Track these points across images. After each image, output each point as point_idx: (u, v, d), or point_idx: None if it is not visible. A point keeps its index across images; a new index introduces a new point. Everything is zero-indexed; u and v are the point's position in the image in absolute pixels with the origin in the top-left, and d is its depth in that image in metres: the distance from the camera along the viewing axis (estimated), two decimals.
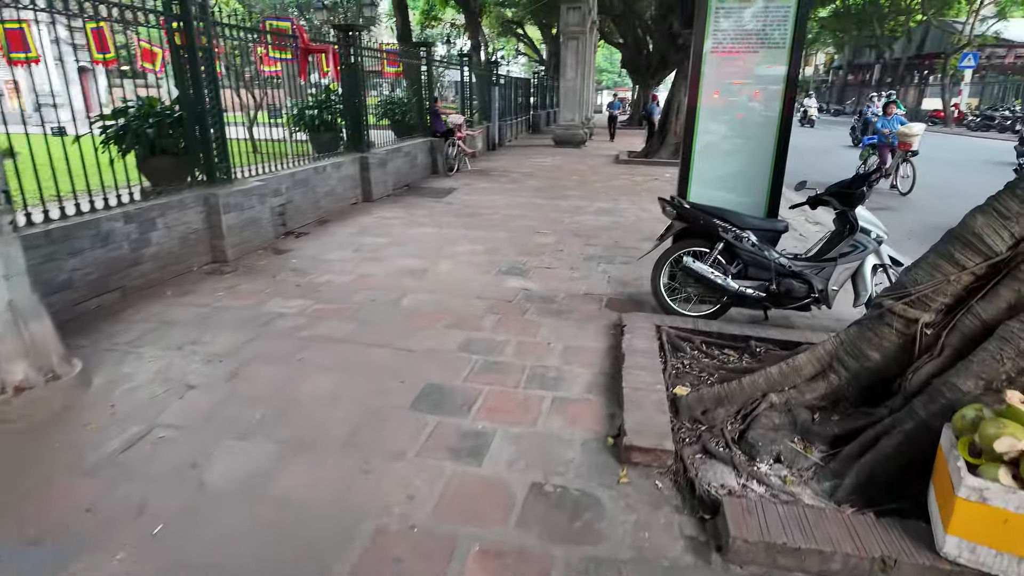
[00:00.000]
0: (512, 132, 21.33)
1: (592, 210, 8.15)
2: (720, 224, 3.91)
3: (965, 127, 25.01)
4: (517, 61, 55.39)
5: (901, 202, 9.65)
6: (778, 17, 3.96)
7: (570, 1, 16.84)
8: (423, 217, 7.55)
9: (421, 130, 11.38)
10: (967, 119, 25.59)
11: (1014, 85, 26.57)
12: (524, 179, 11.02)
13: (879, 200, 9.20)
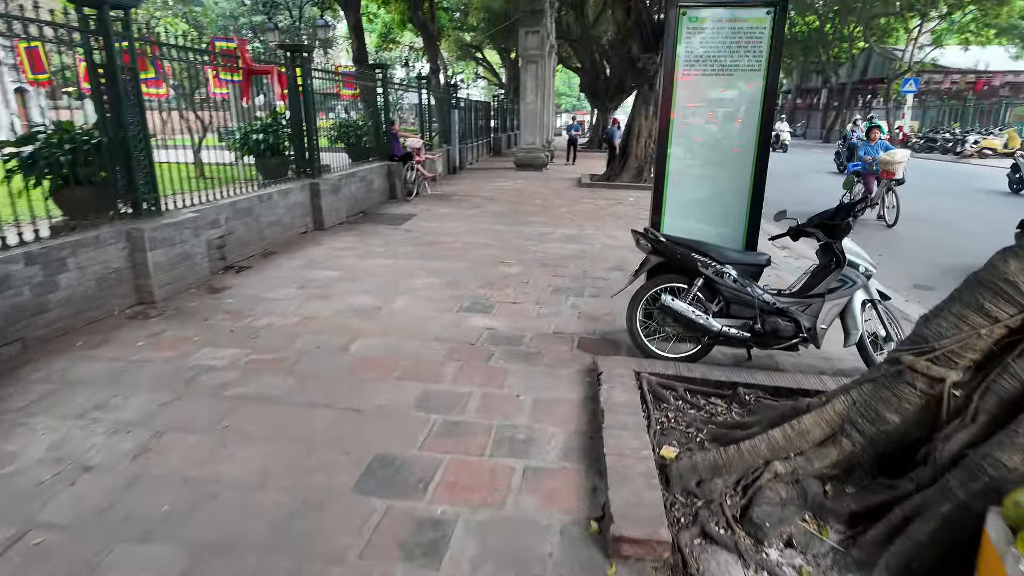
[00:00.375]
0: (473, 155, 21.09)
1: (557, 237, 7.83)
2: (699, 259, 3.60)
3: (910, 148, 26.08)
4: (476, 84, 55.68)
5: (888, 236, 8.79)
6: (752, 39, 3.73)
7: (528, 25, 16.80)
8: (378, 247, 7.08)
9: (378, 154, 10.94)
10: (911, 141, 26.68)
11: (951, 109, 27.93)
12: (486, 204, 10.67)
13: (865, 233, 8.73)
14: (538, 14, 16.67)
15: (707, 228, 4.06)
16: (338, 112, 11.00)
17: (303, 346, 3.97)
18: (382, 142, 10.98)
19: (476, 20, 34.50)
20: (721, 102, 3.90)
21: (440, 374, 3.55)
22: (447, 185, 13.47)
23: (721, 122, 3.93)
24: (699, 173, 4.05)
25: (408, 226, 8.46)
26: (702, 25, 3.76)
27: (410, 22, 23.61)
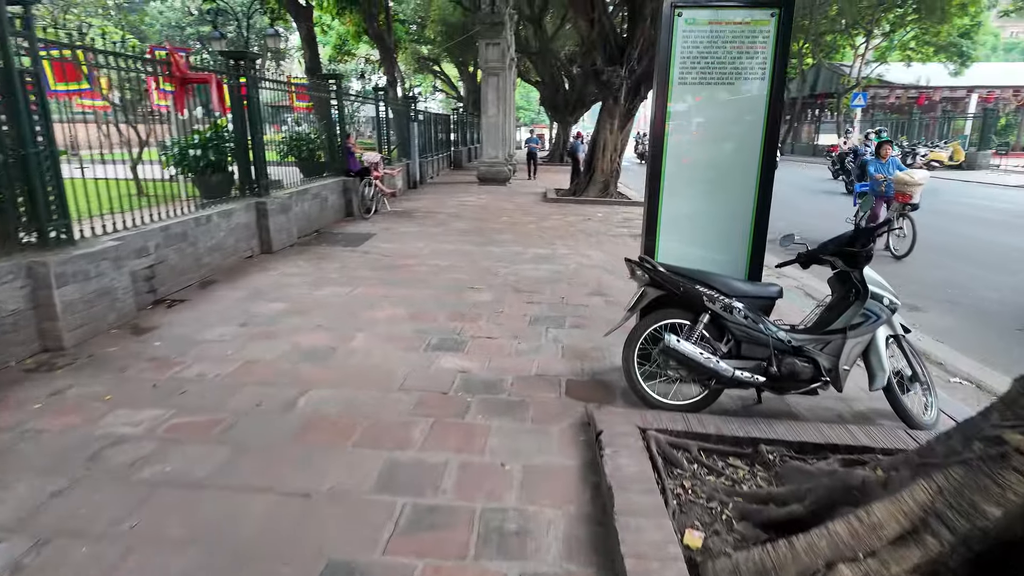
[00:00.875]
0: (434, 169, 20.52)
1: (529, 257, 7.34)
2: (705, 292, 3.14)
3: None
4: (434, 97, 55.24)
5: (900, 269, 7.42)
6: (755, 43, 3.33)
7: (489, 37, 16.43)
8: (334, 272, 6.43)
9: (333, 169, 10.26)
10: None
11: (897, 122, 28.97)
12: (450, 221, 10.11)
13: None
14: (498, 26, 16.32)
15: (705, 254, 3.63)
16: (290, 125, 10.28)
17: (241, 403, 3.31)
18: (337, 156, 10.31)
19: (433, 33, 34.14)
20: (721, 113, 3.48)
21: (407, 437, 2.96)
22: (408, 201, 12.85)
23: (721, 136, 3.51)
24: (696, 193, 3.61)
25: (367, 247, 7.82)
26: (700, 27, 3.34)
27: (366, 34, 23.00)
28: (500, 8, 16.16)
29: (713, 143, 3.53)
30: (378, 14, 21.25)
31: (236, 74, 6.87)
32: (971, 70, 28.64)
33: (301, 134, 10.06)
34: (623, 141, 13.52)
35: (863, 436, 2.84)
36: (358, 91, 14.67)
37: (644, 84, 12.80)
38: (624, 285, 5.97)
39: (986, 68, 32.76)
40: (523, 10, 25.46)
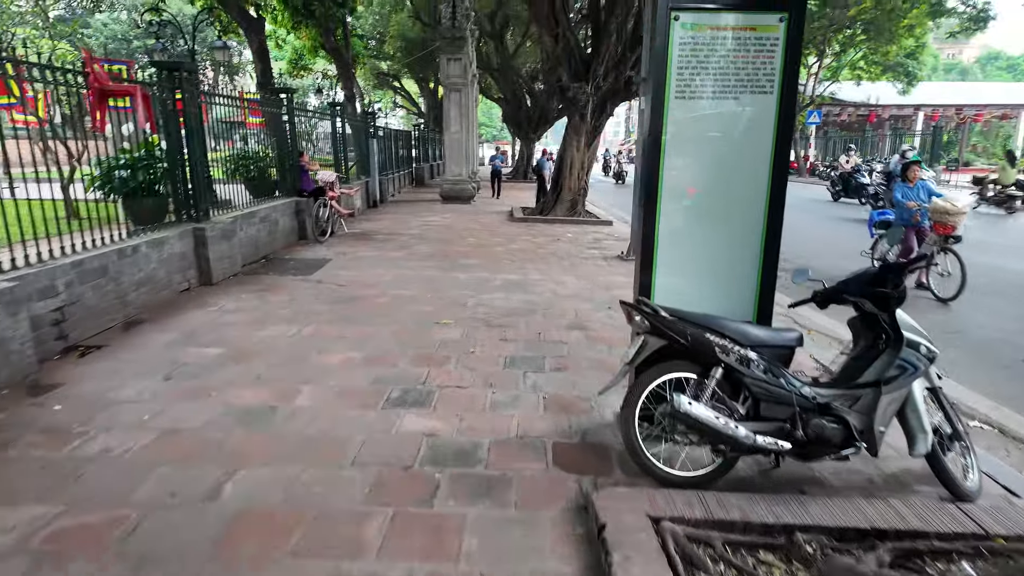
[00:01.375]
0: (395, 186, 19.88)
1: (499, 284, 6.80)
2: (718, 342, 2.66)
3: (817, 177, 27.50)
4: (395, 114, 54.60)
5: (952, 319, 6.23)
6: (762, 52, 2.91)
7: (450, 52, 15.99)
8: (281, 306, 5.74)
9: (285, 189, 9.55)
10: (818, 170, 28.19)
11: (849, 139, 29.80)
12: (413, 243, 9.50)
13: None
14: (459, 41, 15.91)
15: (707, 292, 3.16)
16: (237, 142, 9.54)
17: (151, 492, 2.65)
18: (289, 176, 9.60)
19: (392, 49, 33.66)
20: (724, 131, 3.04)
21: (360, 539, 2.35)
22: (367, 222, 12.17)
23: (724, 157, 3.07)
24: (697, 222, 3.15)
25: (321, 275, 7.14)
26: (700, 33, 2.90)
27: (322, 48, 22.30)
28: (461, 23, 15.76)
29: (715, 165, 3.08)
30: (335, 28, 20.63)
31: (170, 87, 6.17)
32: (917, 89, 29.76)
33: (249, 152, 9.31)
34: (590, 158, 13.21)
35: (912, 516, 2.38)
36: (314, 106, 13.99)
37: (610, 101, 12.54)
38: (605, 317, 5.50)
39: (931, 87, 34.22)
40: (484, 26, 25.24)
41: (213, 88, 14.51)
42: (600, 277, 7.32)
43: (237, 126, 11.09)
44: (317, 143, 11.47)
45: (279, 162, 9.54)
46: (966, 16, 20.66)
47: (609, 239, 10.55)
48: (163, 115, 6.23)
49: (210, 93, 7.20)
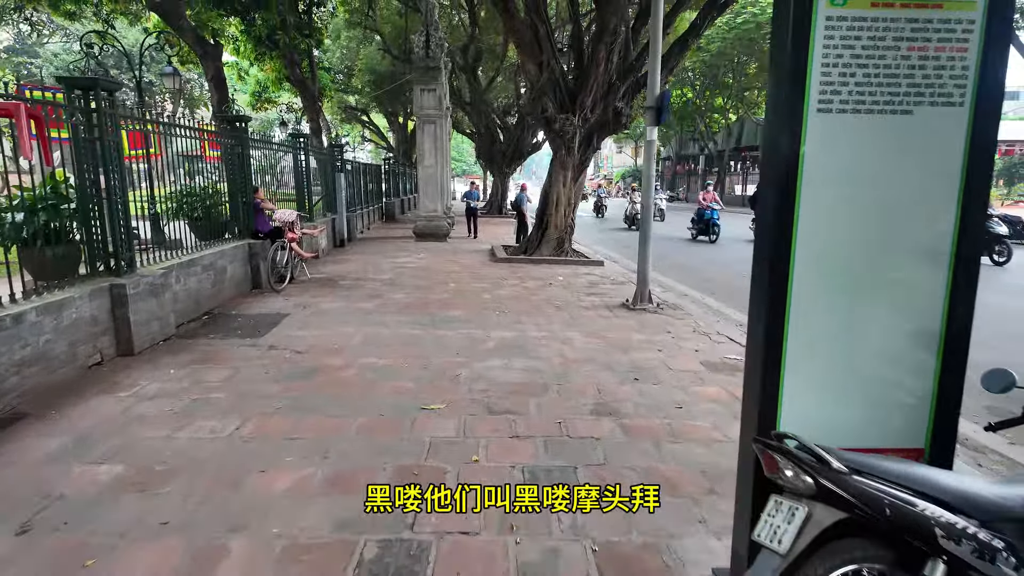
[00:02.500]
0: (364, 222, 18.69)
1: (493, 346, 5.63)
2: (940, 519, 1.54)
3: None
4: (363, 148, 53.71)
5: None
6: (948, 42, 1.89)
7: (424, 83, 15.09)
8: (219, 387, 4.44)
9: (237, 230, 8.28)
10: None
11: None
12: (386, 290, 8.28)
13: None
14: (434, 71, 15.04)
15: (853, 412, 2.05)
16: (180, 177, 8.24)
17: None
18: (242, 215, 8.34)
19: (361, 83, 32.88)
20: (889, 160, 1.99)
21: None
22: (334, 264, 10.90)
23: (888, 199, 2.00)
24: (844, 299, 2.06)
25: (274, 337, 5.86)
26: (857, 12, 1.87)
27: (287, 80, 21.24)
28: (435, 52, 14.92)
29: (874, 217, 2.01)
30: (301, 61, 19.67)
31: (84, 109, 4.93)
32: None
33: (194, 188, 8.02)
34: (577, 194, 12.30)
35: None
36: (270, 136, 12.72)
37: (598, 134, 11.72)
38: (635, 394, 4.37)
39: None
40: (456, 60, 24.62)
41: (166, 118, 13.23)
42: (611, 333, 6.22)
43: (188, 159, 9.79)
44: (281, 178, 10.34)
45: (231, 199, 8.28)
46: None
47: (605, 282, 9.53)
48: (75, 144, 4.97)
49: (138, 118, 5.95)
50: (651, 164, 7.35)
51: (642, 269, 7.45)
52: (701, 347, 5.79)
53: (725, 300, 8.51)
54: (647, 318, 6.98)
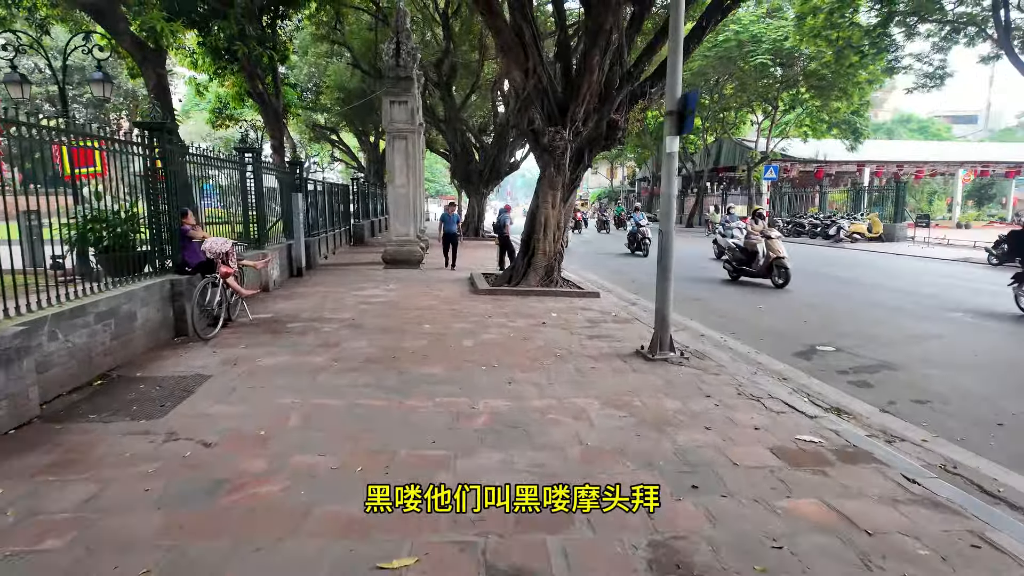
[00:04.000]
0: (329, 246, 17.08)
1: (483, 425, 4.12)
2: None
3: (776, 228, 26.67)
4: (333, 168, 52.04)
5: None
6: None
7: (395, 94, 13.69)
8: (55, 529, 2.82)
9: (160, 263, 6.65)
10: (779, 225, 27.34)
11: (802, 195, 29.44)
12: (345, 336, 6.70)
13: None
14: (405, 82, 13.66)
15: None
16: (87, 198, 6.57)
17: None
18: (169, 244, 6.73)
19: (330, 100, 31.45)
20: None
21: None
22: (286, 299, 9.26)
23: None
24: None
25: (179, 417, 4.23)
26: None
27: (249, 96, 19.67)
28: (407, 62, 13.56)
29: None
30: (265, 76, 18.15)
31: None
32: (863, 146, 29.93)
33: (101, 212, 6.37)
34: (567, 216, 10.95)
35: None
36: (205, 148, 11.02)
37: (590, 149, 10.43)
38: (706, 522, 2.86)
39: (873, 145, 34.85)
40: (430, 75, 23.37)
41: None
42: (636, 399, 4.77)
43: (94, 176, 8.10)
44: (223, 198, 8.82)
45: (151, 224, 6.65)
46: (922, 73, 20.44)
47: (606, 319, 8.10)
48: None
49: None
50: (672, 181, 6.00)
51: (662, 309, 6.04)
52: (759, 421, 4.37)
53: (751, 342, 7.16)
54: (674, 373, 5.56)
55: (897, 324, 8.45)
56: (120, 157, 6.02)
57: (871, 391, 5.47)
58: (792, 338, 7.48)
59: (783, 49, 23.83)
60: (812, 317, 8.87)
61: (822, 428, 4.28)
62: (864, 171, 32.49)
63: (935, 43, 20.07)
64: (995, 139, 59.45)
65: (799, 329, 7.98)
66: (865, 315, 9.16)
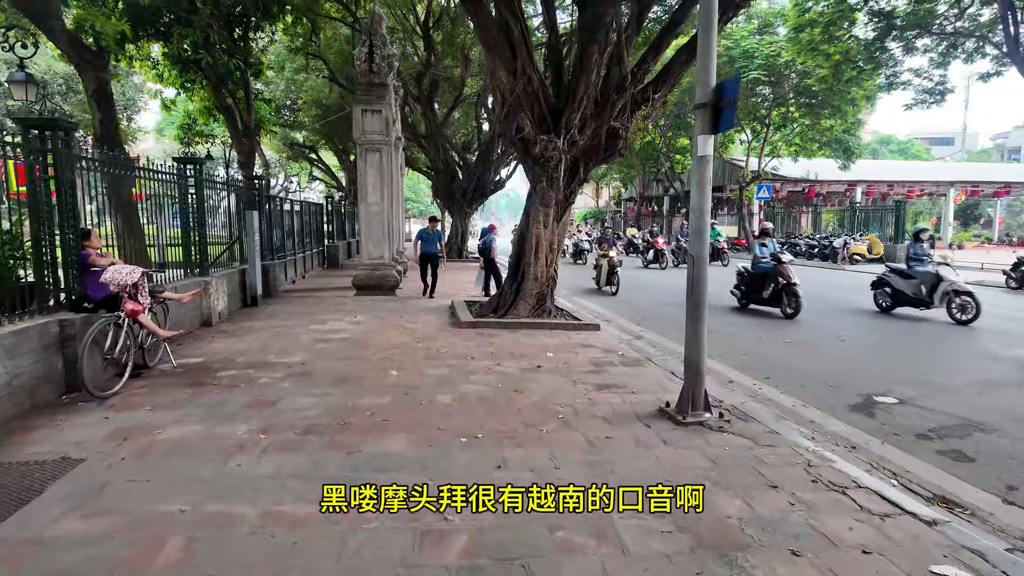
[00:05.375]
0: (298, 269, 15.59)
1: (457, 553, 2.69)
2: None
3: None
4: (312, 187, 50.55)
5: None
6: None
7: (367, 102, 12.38)
8: None
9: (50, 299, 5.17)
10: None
11: (792, 216, 28.63)
12: (286, 393, 5.24)
13: None
14: (379, 89, 12.36)
15: None
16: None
17: None
18: (57, 273, 5.25)
19: (308, 117, 30.16)
20: None
21: None
22: (228, 336, 7.75)
23: None
24: None
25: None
26: None
27: (218, 110, 18.29)
28: (381, 67, 12.27)
29: None
30: (236, 90, 16.86)
31: None
32: (855, 165, 29.27)
33: None
34: (560, 237, 9.63)
35: None
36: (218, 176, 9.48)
37: (585, 161, 9.16)
38: None
39: (864, 164, 34.33)
40: (410, 89, 22.19)
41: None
42: (679, 497, 3.37)
43: None
44: (157, 217, 7.41)
45: (36, 249, 5.17)
46: (921, 89, 19.72)
47: (611, 359, 6.73)
48: None
49: None
50: (705, 192, 4.68)
51: (694, 358, 4.69)
52: (862, 534, 3.01)
53: (791, 389, 5.85)
54: (717, 446, 4.18)
55: (950, 363, 7.21)
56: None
57: (973, 467, 4.16)
58: (838, 383, 6.18)
59: (775, 65, 23.09)
60: (847, 354, 7.59)
61: (954, 545, 2.93)
62: (856, 190, 31.85)
63: (932, 59, 19.42)
64: (972, 160, 59.96)
65: (840, 371, 6.68)
66: (906, 351, 7.92)
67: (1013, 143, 74.12)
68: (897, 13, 18.05)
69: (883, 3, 18.20)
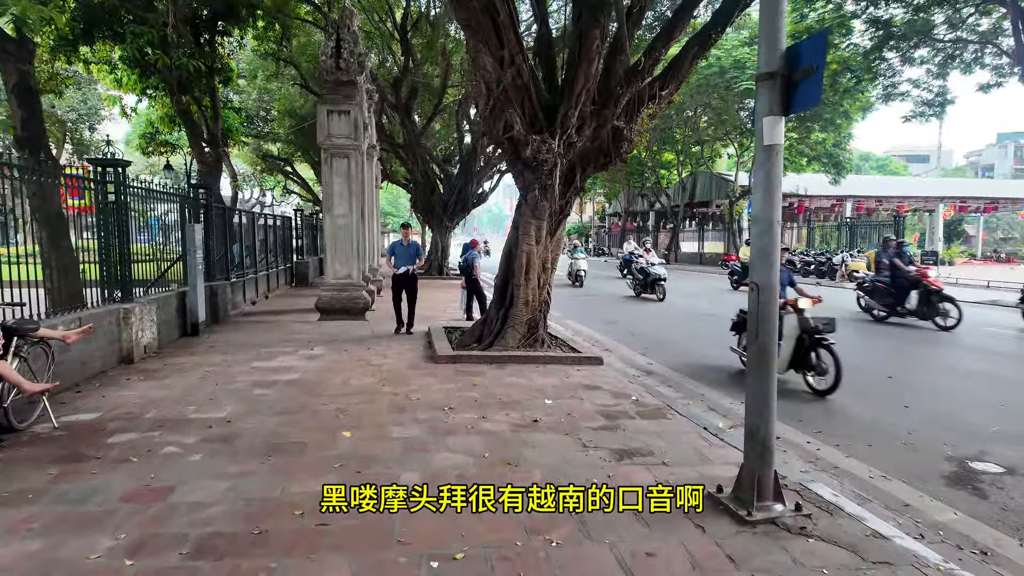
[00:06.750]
0: (260, 289, 14.04)
1: None
2: None
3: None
4: (288, 201, 48.81)
5: None
6: None
7: (334, 102, 11.04)
8: None
9: None
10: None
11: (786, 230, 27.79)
12: (189, 474, 3.77)
13: None
14: (347, 87, 11.02)
15: None
16: None
17: None
18: None
19: (282, 128, 28.67)
20: None
21: None
22: (146, 378, 6.23)
23: None
24: None
25: None
26: None
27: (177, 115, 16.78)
28: (349, 63, 10.93)
29: None
30: (201, 97, 15.38)
31: None
32: (844, 180, 28.61)
33: None
34: (554, 253, 8.30)
35: None
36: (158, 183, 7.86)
37: (583, 167, 7.89)
38: None
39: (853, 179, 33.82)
40: (388, 97, 20.89)
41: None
42: None
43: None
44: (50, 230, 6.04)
45: None
46: (920, 100, 19.00)
47: (624, 408, 5.37)
48: None
49: None
50: (774, 200, 3.39)
51: (759, 428, 3.35)
52: None
53: (858, 450, 4.55)
54: (809, 565, 2.83)
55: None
56: None
57: None
58: (910, 441, 4.90)
59: None
60: (904, 397, 6.33)
61: None
62: (845, 205, 31.23)
63: (930, 69, 18.74)
64: (948, 177, 60.49)
65: (907, 423, 5.41)
66: (966, 393, 6.71)
67: (986, 161, 75.42)
68: (895, 23, 17.36)
69: (881, 11, 17.51)
